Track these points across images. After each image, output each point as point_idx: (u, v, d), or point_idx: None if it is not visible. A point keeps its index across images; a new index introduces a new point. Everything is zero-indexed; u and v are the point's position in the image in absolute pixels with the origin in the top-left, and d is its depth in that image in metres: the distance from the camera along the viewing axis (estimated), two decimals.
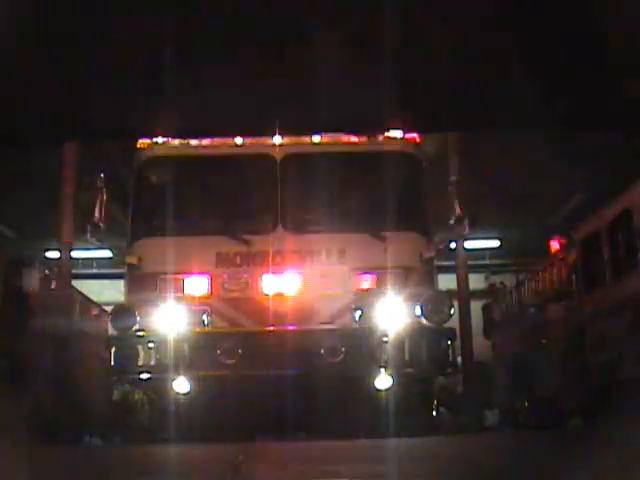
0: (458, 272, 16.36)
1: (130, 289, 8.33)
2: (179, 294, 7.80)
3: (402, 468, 5.02)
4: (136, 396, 8.16)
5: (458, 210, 8.37)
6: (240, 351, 7.50)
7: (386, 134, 8.70)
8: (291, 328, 7.70)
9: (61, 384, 12.50)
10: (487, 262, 23.28)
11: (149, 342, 7.63)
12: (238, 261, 8.03)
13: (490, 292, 19.96)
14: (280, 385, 7.31)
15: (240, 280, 7.97)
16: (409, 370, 7.72)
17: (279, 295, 7.82)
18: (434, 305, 7.74)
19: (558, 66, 6.61)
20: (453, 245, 15.67)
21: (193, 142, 8.52)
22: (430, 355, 7.65)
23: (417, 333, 7.68)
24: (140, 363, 7.67)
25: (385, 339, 7.53)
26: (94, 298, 16.53)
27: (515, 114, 7.29)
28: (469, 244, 17.83)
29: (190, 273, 7.92)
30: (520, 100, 7.01)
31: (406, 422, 7.37)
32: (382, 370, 7.54)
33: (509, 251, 23.44)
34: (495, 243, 23.58)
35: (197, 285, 7.93)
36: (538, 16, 6.24)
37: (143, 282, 8.04)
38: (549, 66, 6.65)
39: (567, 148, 15.80)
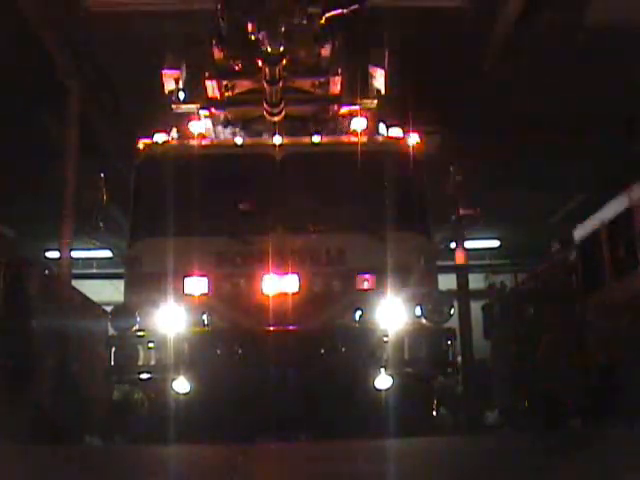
0: (458, 272, 16.37)
1: (130, 289, 8.31)
2: (179, 294, 7.79)
3: (402, 468, 5.02)
4: (136, 396, 8.15)
5: (459, 210, 8.37)
6: (240, 351, 7.49)
7: (386, 134, 8.70)
8: (291, 328, 7.69)
9: (61, 384, 12.50)
10: (487, 262, 23.30)
11: (149, 342, 7.62)
12: (238, 261, 8.03)
13: (490, 292, 19.98)
14: (280, 385, 7.31)
15: (240, 280, 7.96)
16: (409, 370, 7.71)
17: (279, 295, 7.81)
18: (434, 305, 7.74)
19: None
20: (453, 245, 15.67)
21: (193, 142, 8.52)
22: (430, 355, 7.65)
23: (417, 333, 7.67)
24: (140, 363, 7.65)
25: (385, 339, 7.52)
26: (94, 298, 16.54)
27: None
28: (469, 244, 17.84)
29: (190, 273, 7.91)
30: None
31: (406, 422, 7.36)
32: (382, 370, 7.53)
33: (509, 251, 23.47)
34: (495, 243, 23.60)
35: (197, 285, 7.92)
36: None
37: (143, 282, 8.03)
38: None
39: (567, 148, 15.82)
